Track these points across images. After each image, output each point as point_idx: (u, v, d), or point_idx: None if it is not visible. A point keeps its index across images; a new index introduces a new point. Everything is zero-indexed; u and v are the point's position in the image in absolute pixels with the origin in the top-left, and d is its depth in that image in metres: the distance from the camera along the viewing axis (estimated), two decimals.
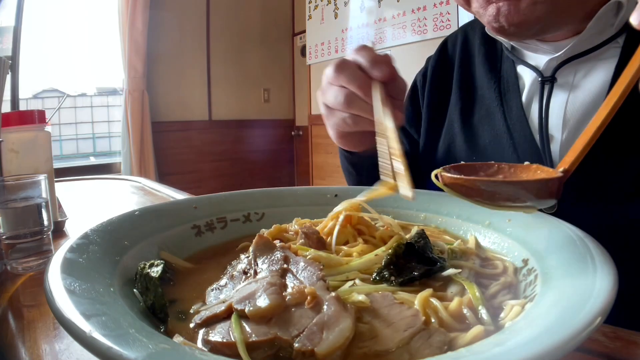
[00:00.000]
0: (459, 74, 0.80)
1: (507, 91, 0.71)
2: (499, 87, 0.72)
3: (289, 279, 0.37)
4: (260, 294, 0.33)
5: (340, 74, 0.56)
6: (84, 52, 3.45)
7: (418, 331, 0.31)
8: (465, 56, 0.80)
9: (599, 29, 0.60)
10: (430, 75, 0.85)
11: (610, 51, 0.61)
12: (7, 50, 2.63)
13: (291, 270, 0.38)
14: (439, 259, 0.43)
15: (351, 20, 3.47)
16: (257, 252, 0.41)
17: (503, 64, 0.73)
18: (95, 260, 0.39)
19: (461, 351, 0.27)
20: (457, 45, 0.83)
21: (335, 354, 0.28)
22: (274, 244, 0.42)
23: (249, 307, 0.32)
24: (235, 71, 4.07)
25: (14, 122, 0.83)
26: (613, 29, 0.60)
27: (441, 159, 0.79)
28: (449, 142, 0.78)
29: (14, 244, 0.65)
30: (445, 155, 0.78)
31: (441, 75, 0.83)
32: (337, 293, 0.34)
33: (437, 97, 0.83)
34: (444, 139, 0.79)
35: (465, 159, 0.73)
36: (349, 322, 0.30)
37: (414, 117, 0.87)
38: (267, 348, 0.29)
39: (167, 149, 3.69)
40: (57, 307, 0.28)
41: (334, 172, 3.84)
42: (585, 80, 0.63)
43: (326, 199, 0.65)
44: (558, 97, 0.64)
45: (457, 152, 0.75)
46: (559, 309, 0.28)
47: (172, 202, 0.61)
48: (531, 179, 0.39)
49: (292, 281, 0.36)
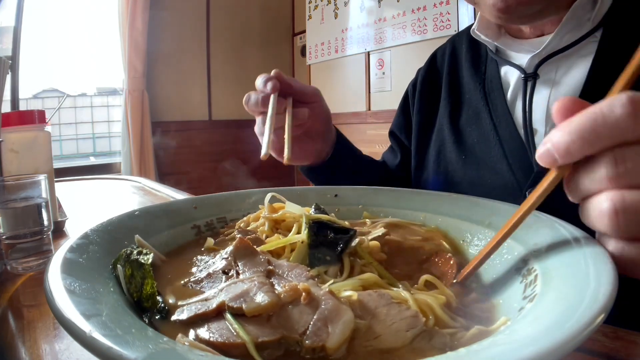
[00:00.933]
0: (447, 81, 0.84)
1: (491, 91, 0.74)
2: (484, 89, 0.75)
3: (276, 280, 0.37)
4: (255, 292, 0.33)
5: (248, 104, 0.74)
6: (84, 52, 3.45)
7: (420, 332, 0.31)
8: (453, 63, 0.85)
9: (576, 24, 0.62)
10: (420, 85, 0.90)
11: (589, 47, 0.63)
12: (7, 50, 2.63)
13: (276, 272, 0.38)
14: (346, 228, 0.45)
15: (351, 20, 3.46)
16: (236, 255, 0.41)
17: (487, 67, 0.77)
18: (95, 260, 0.39)
19: (461, 351, 0.27)
20: (445, 55, 0.88)
21: (343, 346, 0.29)
22: (254, 249, 0.42)
23: (245, 304, 0.31)
24: (235, 71, 4.06)
25: (14, 122, 0.83)
26: (590, 23, 0.62)
27: (433, 160, 0.83)
28: (439, 145, 0.82)
29: (14, 244, 0.65)
30: (437, 156, 0.82)
31: (430, 84, 0.88)
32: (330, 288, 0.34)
33: (426, 105, 0.87)
34: (435, 142, 0.83)
35: (455, 158, 0.77)
36: (350, 314, 0.31)
37: (405, 124, 0.93)
38: (275, 348, 0.29)
39: (167, 149, 3.69)
40: (57, 307, 0.28)
41: None
42: (566, 76, 0.65)
43: (326, 199, 0.65)
44: (541, 93, 0.67)
45: (448, 153, 0.79)
46: (559, 309, 0.28)
47: (172, 202, 0.61)
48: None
49: (280, 281, 0.36)
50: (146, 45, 3.41)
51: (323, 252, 0.42)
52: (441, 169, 0.80)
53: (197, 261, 0.45)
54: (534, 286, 0.36)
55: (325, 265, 0.42)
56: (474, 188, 0.72)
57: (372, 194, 0.64)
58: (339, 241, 0.43)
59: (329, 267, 0.41)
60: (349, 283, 0.39)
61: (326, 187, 0.67)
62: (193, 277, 0.40)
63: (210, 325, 0.31)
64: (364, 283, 0.39)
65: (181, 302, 0.35)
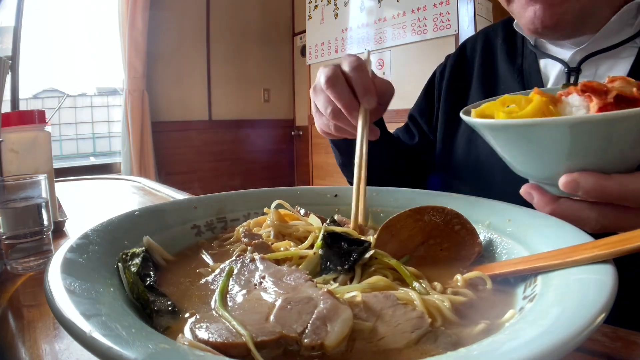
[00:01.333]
0: (480, 71, 0.85)
1: (530, 83, 0.75)
2: (522, 80, 0.76)
3: (268, 283, 0.37)
4: (322, 316, 0.31)
5: (331, 87, 0.61)
6: (84, 52, 3.45)
7: (425, 333, 0.31)
8: (487, 54, 0.86)
9: (618, 27, 0.64)
10: (448, 73, 0.90)
11: (628, 50, 0.65)
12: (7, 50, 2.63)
13: (274, 277, 0.38)
14: (361, 240, 0.45)
15: (351, 20, 3.47)
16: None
17: (525, 59, 0.78)
18: (95, 260, 0.38)
19: (461, 351, 0.27)
20: (477, 46, 0.89)
21: (342, 344, 0.30)
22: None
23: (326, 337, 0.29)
24: (235, 71, 4.07)
25: (14, 122, 0.83)
26: (632, 29, 0.64)
27: (462, 148, 0.83)
28: (469, 133, 0.82)
29: (14, 244, 0.65)
30: (466, 145, 0.82)
31: (460, 73, 0.89)
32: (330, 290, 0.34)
33: (455, 93, 0.88)
34: (464, 130, 0.84)
35: (490, 147, 0.77)
36: (349, 312, 0.31)
37: (427, 108, 0.93)
38: (274, 347, 0.29)
39: (167, 149, 3.69)
40: (57, 307, 0.28)
41: (334, 172, 3.84)
42: (608, 74, 0.66)
43: (326, 199, 0.65)
44: None
45: (480, 142, 0.79)
46: (559, 309, 0.28)
47: (172, 202, 0.61)
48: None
49: (276, 285, 0.36)
50: (146, 45, 3.41)
51: (335, 262, 0.42)
52: (472, 157, 0.80)
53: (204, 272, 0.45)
54: (534, 286, 0.36)
55: (335, 273, 0.42)
56: (506, 176, 0.73)
57: (372, 194, 0.64)
58: (352, 252, 0.42)
59: (338, 276, 0.41)
60: (356, 287, 0.38)
61: (326, 187, 0.67)
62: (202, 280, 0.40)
63: (210, 325, 0.31)
64: (373, 287, 0.38)
65: (206, 322, 0.32)
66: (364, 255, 0.42)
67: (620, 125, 0.36)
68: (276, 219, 0.53)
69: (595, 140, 0.37)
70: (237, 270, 0.39)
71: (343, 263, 0.42)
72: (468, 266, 0.45)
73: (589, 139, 0.37)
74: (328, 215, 0.57)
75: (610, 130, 0.37)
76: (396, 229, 0.48)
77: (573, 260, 0.34)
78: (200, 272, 0.45)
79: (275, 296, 0.34)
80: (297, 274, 0.37)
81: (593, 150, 0.38)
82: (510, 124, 0.41)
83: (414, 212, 0.48)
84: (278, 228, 0.52)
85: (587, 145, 0.38)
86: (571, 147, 0.38)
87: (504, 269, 0.41)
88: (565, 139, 0.37)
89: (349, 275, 0.41)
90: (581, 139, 0.37)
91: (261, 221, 0.55)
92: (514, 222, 0.48)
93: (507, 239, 0.47)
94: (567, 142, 0.38)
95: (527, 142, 0.41)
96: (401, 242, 0.48)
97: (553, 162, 0.40)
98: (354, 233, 0.47)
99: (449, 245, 0.48)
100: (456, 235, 0.48)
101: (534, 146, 0.40)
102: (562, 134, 0.37)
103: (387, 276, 0.41)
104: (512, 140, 0.42)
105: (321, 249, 0.44)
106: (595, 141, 0.37)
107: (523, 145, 0.41)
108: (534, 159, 0.42)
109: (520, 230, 0.46)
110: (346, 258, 0.42)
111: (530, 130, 0.39)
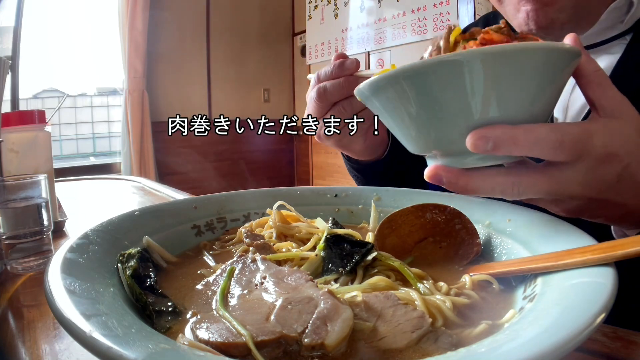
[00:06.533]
0: None
1: None
2: None
3: (269, 284, 0.37)
4: (322, 315, 0.31)
5: (320, 101, 0.62)
6: (84, 52, 3.45)
7: (425, 333, 0.31)
8: None
9: (609, 24, 0.64)
10: None
11: (617, 47, 0.65)
12: (7, 50, 2.63)
13: (275, 278, 0.38)
14: (364, 242, 0.45)
15: (351, 20, 3.47)
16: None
17: None
18: (95, 260, 0.39)
19: (461, 351, 0.27)
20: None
21: (342, 344, 0.29)
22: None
23: (316, 338, 0.29)
24: (235, 71, 4.06)
25: (14, 122, 0.83)
26: (622, 25, 0.64)
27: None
28: None
29: (14, 244, 0.65)
30: None
31: None
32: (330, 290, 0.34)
33: None
34: None
35: None
36: (349, 311, 0.31)
37: None
38: (274, 346, 0.29)
39: (167, 148, 3.69)
40: (57, 307, 0.28)
41: (334, 172, 3.84)
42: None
43: (326, 199, 0.65)
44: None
45: None
46: (559, 309, 0.28)
47: (172, 202, 0.61)
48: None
49: (277, 285, 0.36)
50: (146, 45, 3.41)
51: (336, 263, 0.42)
52: None
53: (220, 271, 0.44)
54: (534, 286, 0.36)
55: (336, 274, 0.42)
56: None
57: (371, 194, 0.64)
58: (354, 254, 0.43)
59: (339, 277, 0.41)
60: (357, 287, 0.39)
61: (326, 187, 0.67)
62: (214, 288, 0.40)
63: (210, 325, 0.31)
64: (374, 287, 0.38)
65: (206, 322, 0.31)
66: (367, 257, 0.42)
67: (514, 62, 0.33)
68: (278, 220, 0.53)
69: (497, 79, 0.34)
70: (238, 271, 0.39)
71: (345, 264, 0.42)
72: (465, 265, 0.45)
73: (491, 77, 0.34)
74: (328, 216, 0.57)
75: (512, 64, 0.34)
76: (397, 224, 0.48)
77: (573, 262, 0.34)
78: (201, 272, 0.45)
79: (276, 296, 0.34)
80: (297, 275, 0.37)
81: (495, 96, 0.35)
82: (401, 71, 0.35)
83: (416, 208, 0.49)
84: (280, 229, 0.52)
85: (491, 85, 0.34)
86: (473, 89, 0.34)
87: (504, 268, 0.41)
88: (469, 78, 0.34)
89: (350, 277, 0.41)
90: (482, 77, 0.34)
91: (263, 222, 0.55)
92: (514, 222, 0.48)
93: (507, 239, 0.47)
94: (469, 82, 0.34)
95: (425, 95, 0.36)
96: (401, 237, 0.48)
97: (457, 116, 0.36)
98: (356, 235, 0.47)
99: (448, 243, 0.48)
100: (456, 234, 0.48)
101: (432, 99, 0.36)
102: (469, 70, 0.33)
103: (390, 277, 0.41)
104: (407, 98, 0.37)
105: (323, 250, 0.44)
106: (497, 81, 0.34)
107: (421, 99, 0.36)
108: (434, 119, 0.37)
109: (520, 230, 0.46)
110: (348, 260, 0.42)
111: (427, 73, 0.34)
